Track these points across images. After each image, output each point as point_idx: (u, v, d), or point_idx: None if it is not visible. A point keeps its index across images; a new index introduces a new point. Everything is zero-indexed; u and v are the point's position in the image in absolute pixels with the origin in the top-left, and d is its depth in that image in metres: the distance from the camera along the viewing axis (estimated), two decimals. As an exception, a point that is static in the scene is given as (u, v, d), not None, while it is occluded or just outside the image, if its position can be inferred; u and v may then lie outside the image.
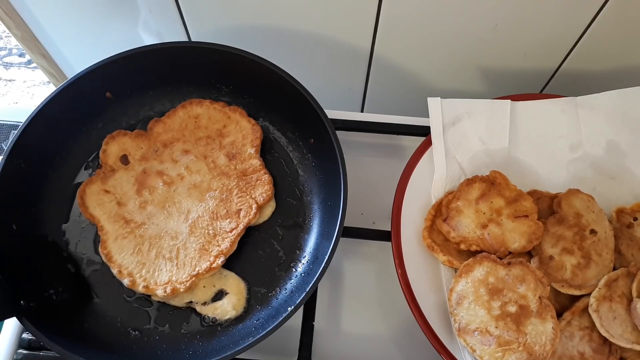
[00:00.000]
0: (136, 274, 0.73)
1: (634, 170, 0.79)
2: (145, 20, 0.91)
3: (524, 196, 0.74)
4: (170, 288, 0.71)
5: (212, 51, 0.78)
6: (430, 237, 0.74)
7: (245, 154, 0.80)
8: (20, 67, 1.59)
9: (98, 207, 0.76)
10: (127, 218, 0.76)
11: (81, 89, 0.78)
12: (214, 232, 0.75)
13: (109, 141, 0.80)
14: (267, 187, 0.77)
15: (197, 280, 0.72)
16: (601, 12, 0.79)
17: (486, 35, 0.86)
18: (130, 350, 0.71)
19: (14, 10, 0.91)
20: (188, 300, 0.73)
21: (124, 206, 0.77)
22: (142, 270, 0.73)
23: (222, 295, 0.74)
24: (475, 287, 0.68)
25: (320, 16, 0.86)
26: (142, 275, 0.73)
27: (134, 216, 0.76)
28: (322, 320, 0.79)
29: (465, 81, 0.97)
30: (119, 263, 0.73)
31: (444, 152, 0.78)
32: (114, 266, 0.73)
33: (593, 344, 0.68)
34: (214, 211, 0.76)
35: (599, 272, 0.70)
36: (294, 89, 0.76)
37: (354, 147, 0.91)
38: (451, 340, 0.68)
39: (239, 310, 0.73)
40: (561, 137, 0.81)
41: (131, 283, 0.72)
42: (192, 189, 0.78)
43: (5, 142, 0.95)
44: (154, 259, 0.74)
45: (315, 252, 0.75)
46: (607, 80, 0.93)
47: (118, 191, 0.78)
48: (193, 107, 0.82)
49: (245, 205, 0.76)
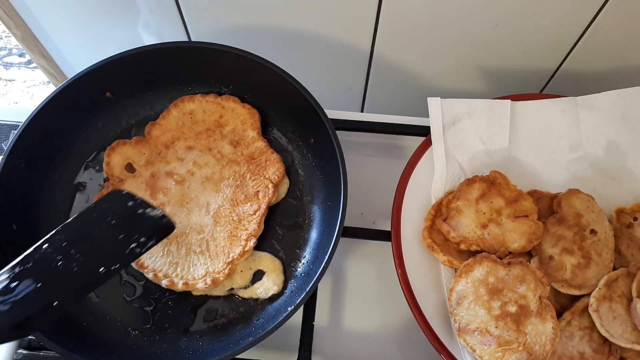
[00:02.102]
0: (172, 273, 0.73)
1: (634, 170, 0.79)
2: (145, 20, 0.91)
3: (524, 196, 0.74)
4: (210, 279, 0.72)
5: (212, 51, 0.78)
6: (430, 237, 0.74)
7: (248, 139, 0.80)
8: (20, 67, 1.59)
9: None
10: None
11: (81, 89, 0.78)
12: (238, 218, 0.76)
13: (110, 153, 0.80)
14: (277, 166, 0.78)
15: (234, 266, 0.73)
16: (601, 12, 0.79)
17: (486, 35, 0.86)
18: (130, 350, 0.71)
19: (14, 10, 0.91)
20: (229, 287, 0.74)
21: None
22: (177, 269, 0.73)
23: (260, 275, 0.75)
24: (475, 287, 0.69)
25: (320, 16, 0.86)
26: (178, 274, 0.73)
27: None
28: (322, 320, 0.79)
29: (465, 81, 0.97)
30: (152, 268, 0.73)
31: (444, 152, 0.78)
32: (147, 271, 0.73)
33: (593, 344, 0.68)
34: (232, 198, 0.77)
35: (599, 272, 0.70)
36: (294, 89, 0.76)
37: (354, 147, 0.91)
38: (451, 340, 0.68)
39: (280, 285, 0.74)
40: (561, 137, 0.81)
41: (170, 283, 0.72)
42: (206, 182, 0.78)
43: (5, 142, 0.94)
44: (185, 256, 0.74)
45: (315, 252, 0.75)
46: (607, 80, 0.93)
47: None
48: (185, 103, 0.82)
49: (262, 186, 0.77)
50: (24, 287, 0.51)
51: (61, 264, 0.54)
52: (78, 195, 0.80)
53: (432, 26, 0.85)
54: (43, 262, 0.54)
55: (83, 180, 0.81)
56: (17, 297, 0.51)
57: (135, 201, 0.58)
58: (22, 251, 0.72)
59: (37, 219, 0.76)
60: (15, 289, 0.51)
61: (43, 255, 0.54)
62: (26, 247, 0.73)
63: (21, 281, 0.51)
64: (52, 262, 0.54)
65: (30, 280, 0.52)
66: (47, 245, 0.54)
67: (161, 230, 0.59)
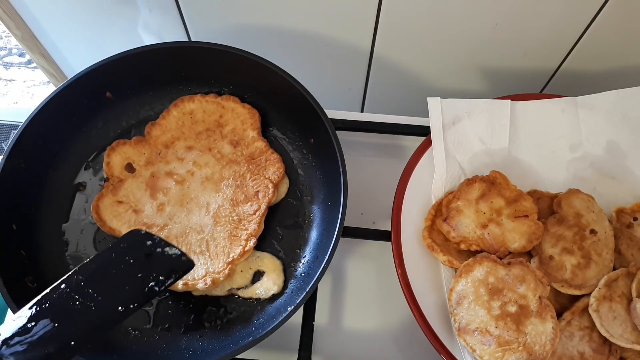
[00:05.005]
0: None
1: (634, 170, 0.79)
2: (145, 20, 0.91)
3: (524, 196, 0.74)
4: (210, 279, 0.72)
5: (212, 51, 0.78)
6: (430, 237, 0.74)
7: (248, 139, 0.81)
8: (20, 67, 1.60)
9: (115, 219, 0.76)
10: (148, 223, 0.76)
11: (81, 89, 0.78)
12: (238, 218, 0.76)
13: (110, 153, 0.80)
14: (277, 165, 0.78)
15: (234, 266, 0.73)
16: (601, 12, 0.79)
17: (486, 35, 0.86)
18: (130, 350, 0.71)
19: (14, 10, 0.91)
20: (229, 287, 0.74)
21: (141, 212, 0.77)
22: None
23: (260, 275, 0.75)
24: (475, 287, 0.69)
25: (321, 16, 0.86)
26: None
27: (155, 220, 0.76)
28: (322, 320, 0.79)
29: (466, 81, 0.97)
30: None
31: (444, 152, 0.78)
32: None
33: (593, 344, 0.68)
34: (232, 198, 0.77)
35: (599, 272, 0.70)
36: (294, 89, 0.76)
37: (354, 147, 0.91)
38: (451, 340, 0.68)
39: (280, 285, 0.74)
40: (561, 137, 0.81)
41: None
42: (206, 182, 0.78)
43: (5, 142, 0.95)
44: None
45: (315, 252, 0.75)
46: (607, 80, 0.93)
47: (131, 200, 0.78)
48: (185, 103, 0.82)
49: (262, 186, 0.77)
50: (41, 328, 0.51)
51: (78, 304, 0.53)
52: (78, 195, 0.80)
53: (432, 26, 0.85)
54: (60, 302, 0.53)
55: (83, 180, 0.81)
56: (34, 338, 0.51)
57: (154, 240, 0.57)
58: (22, 251, 0.73)
59: (37, 219, 0.76)
60: (32, 329, 0.51)
61: (60, 295, 0.54)
62: (26, 247, 0.73)
63: (38, 322, 0.51)
64: (69, 302, 0.53)
65: (47, 321, 0.52)
66: (65, 286, 0.54)
67: (180, 269, 0.58)
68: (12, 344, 0.50)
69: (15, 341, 0.50)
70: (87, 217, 0.79)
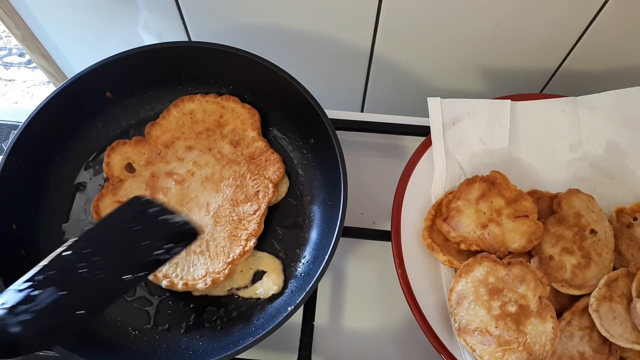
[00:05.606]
0: (172, 274, 0.73)
1: (634, 170, 0.79)
2: (145, 20, 0.91)
3: (524, 196, 0.74)
4: (210, 279, 0.72)
5: (212, 51, 0.78)
6: (430, 237, 0.74)
7: (248, 139, 0.81)
8: (20, 67, 1.60)
9: None
10: None
11: (81, 89, 0.78)
12: (238, 218, 0.76)
13: (110, 153, 0.80)
14: (277, 165, 0.78)
15: (234, 266, 0.73)
16: (601, 12, 0.79)
17: (486, 35, 0.86)
18: (130, 350, 0.71)
19: (14, 10, 0.91)
20: (229, 287, 0.74)
21: None
22: (177, 269, 0.73)
23: (260, 275, 0.75)
24: (475, 287, 0.69)
25: (321, 16, 0.86)
26: (178, 274, 0.73)
27: None
28: (323, 320, 0.79)
29: (466, 81, 0.97)
30: None
31: (444, 152, 0.78)
32: None
33: (593, 344, 0.68)
34: (232, 198, 0.77)
35: (599, 272, 0.70)
36: (294, 89, 0.76)
37: (354, 147, 0.91)
38: (451, 340, 0.68)
39: (280, 285, 0.74)
40: (561, 137, 0.81)
41: (169, 284, 0.72)
42: (205, 182, 0.78)
43: (5, 142, 0.94)
44: (185, 256, 0.74)
45: (315, 252, 0.75)
46: (607, 80, 0.93)
47: None
48: (185, 103, 0.82)
49: (262, 186, 0.77)
50: (47, 296, 0.49)
51: (85, 272, 0.51)
52: (78, 195, 0.80)
53: (432, 26, 0.85)
54: (66, 269, 0.51)
55: (83, 180, 0.81)
56: (41, 306, 0.49)
57: (157, 207, 0.56)
58: (22, 251, 0.73)
59: (37, 219, 0.76)
60: (38, 298, 0.49)
61: (65, 262, 0.52)
62: (26, 247, 0.73)
63: (44, 289, 0.49)
64: (75, 270, 0.51)
65: (54, 289, 0.50)
66: (70, 253, 0.52)
67: (185, 237, 0.57)
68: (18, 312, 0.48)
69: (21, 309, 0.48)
70: (87, 217, 0.79)
